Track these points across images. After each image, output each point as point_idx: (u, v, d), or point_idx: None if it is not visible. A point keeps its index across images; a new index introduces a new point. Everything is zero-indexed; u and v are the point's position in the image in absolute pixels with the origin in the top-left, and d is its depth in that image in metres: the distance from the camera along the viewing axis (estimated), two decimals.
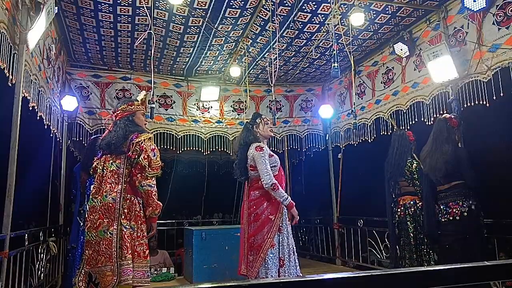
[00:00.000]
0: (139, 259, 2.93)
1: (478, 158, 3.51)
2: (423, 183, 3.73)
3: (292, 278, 2.52)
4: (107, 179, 2.99)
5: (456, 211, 3.32)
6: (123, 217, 2.92)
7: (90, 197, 3.06)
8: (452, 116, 3.58)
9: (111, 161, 3.03)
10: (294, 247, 3.51)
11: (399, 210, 4.09)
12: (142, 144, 2.96)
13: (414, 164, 4.00)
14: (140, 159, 2.91)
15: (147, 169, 2.92)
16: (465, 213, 3.29)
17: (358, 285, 0.89)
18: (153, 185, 2.96)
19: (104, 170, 3.03)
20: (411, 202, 4.00)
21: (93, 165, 3.17)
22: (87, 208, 3.91)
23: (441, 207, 3.44)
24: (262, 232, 3.38)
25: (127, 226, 2.91)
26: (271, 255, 3.33)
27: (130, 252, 2.88)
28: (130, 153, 2.95)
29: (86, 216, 3.09)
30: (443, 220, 3.41)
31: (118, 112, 3.17)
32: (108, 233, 2.88)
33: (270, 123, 3.71)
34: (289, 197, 3.40)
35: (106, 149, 3.06)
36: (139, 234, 2.96)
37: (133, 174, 2.96)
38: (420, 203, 3.94)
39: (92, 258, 2.89)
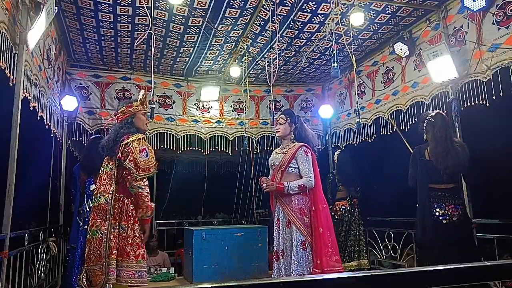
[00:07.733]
0: (128, 258, 2.93)
1: (478, 158, 3.51)
2: (419, 184, 3.66)
3: (292, 278, 2.52)
4: (102, 180, 3.05)
5: (455, 213, 3.32)
6: (112, 218, 2.96)
7: (93, 197, 3.12)
8: (445, 112, 3.62)
9: (107, 163, 3.11)
10: (291, 246, 3.29)
11: (339, 213, 5.10)
12: (130, 146, 2.96)
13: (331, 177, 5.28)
14: (126, 162, 2.92)
15: (133, 171, 2.91)
16: (462, 215, 3.31)
17: (358, 285, 0.89)
18: (143, 187, 2.93)
19: (103, 172, 3.10)
20: (343, 207, 5.09)
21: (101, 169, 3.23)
22: (87, 208, 3.94)
23: (437, 208, 3.41)
24: None
25: (115, 227, 2.95)
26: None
27: (115, 252, 2.91)
28: (120, 155, 2.97)
29: (90, 216, 3.14)
30: (443, 221, 3.40)
31: (118, 115, 3.20)
32: (99, 232, 2.93)
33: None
34: None
35: (103, 152, 3.15)
36: (129, 234, 2.97)
37: (125, 176, 2.99)
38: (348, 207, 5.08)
39: (88, 256, 2.97)
